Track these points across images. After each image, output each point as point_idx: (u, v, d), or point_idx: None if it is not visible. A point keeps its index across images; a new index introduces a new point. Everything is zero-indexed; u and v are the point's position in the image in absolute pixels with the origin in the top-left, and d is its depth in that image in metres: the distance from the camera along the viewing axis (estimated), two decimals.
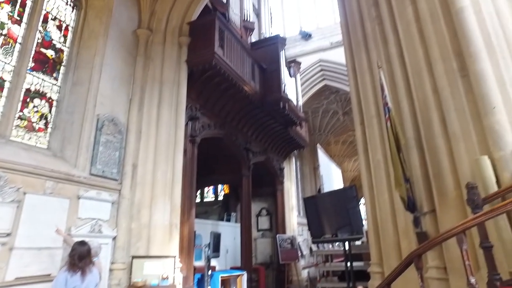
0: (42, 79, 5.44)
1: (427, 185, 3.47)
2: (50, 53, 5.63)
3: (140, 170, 6.01)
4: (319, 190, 12.34)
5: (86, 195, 5.20)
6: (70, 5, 6.16)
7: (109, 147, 5.69)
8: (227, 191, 14.25)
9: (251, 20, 11.46)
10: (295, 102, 10.76)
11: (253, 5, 12.50)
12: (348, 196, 5.80)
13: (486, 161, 2.74)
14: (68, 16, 6.08)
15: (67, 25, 6.03)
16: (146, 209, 5.81)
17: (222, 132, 8.79)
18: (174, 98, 6.81)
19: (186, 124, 7.28)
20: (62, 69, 5.78)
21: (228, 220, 12.23)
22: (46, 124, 5.38)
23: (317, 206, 6.64)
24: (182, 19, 7.54)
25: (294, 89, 11.02)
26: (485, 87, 2.99)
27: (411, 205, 3.39)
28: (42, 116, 5.37)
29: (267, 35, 12.64)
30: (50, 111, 5.48)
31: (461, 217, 2.83)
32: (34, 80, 5.32)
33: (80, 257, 3.57)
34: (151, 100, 6.56)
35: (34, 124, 5.22)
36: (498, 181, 2.68)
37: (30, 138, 5.10)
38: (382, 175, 4.14)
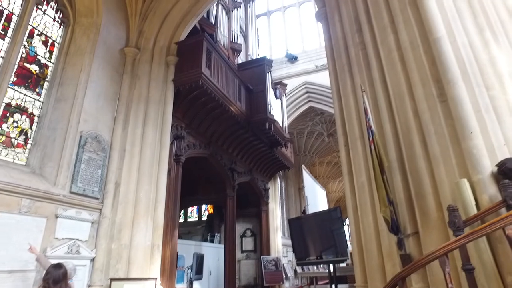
0: (24, 94, 5.33)
1: (410, 207, 3.51)
2: (34, 68, 5.56)
3: (123, 189, 5.87)
4: (304, 211, 12.33)
5: (65, 214, 5.02)
6: (57, 21, 6.15)
7: (91, 164, 5.56)
8: (211, 211, 14.04)
9: (238, 42, 11.72)
10: (280, 123, 10.89)
11: (241, 27, 12.81)
12: (333, 217, 5.81)
13: (465, 184, 2.81)
14: (55, 32, 6.06)
15: (54, 41, 5.99)
16: (127, 229, 5.64)
17: (207, 151, 8.75)
18: (159, 117, 6.77)
19: (171, 143, 7.22)
20: (46, 84, 5.70)
21: (212, 241, 11.98)
22: (25, 140, 5.23)
23: (301, 228, 6.61)
24: (170, 39, 7.62)
25: (279, 111, 11.18)
26: (462, 112, 3.12)
27: (394, 227, 3.42)
28: (22, 132, 5.23)
29: (254, 57, 12.91)
30: (31, 127, 5.35)
31: (443, 239, 2.87)
32: (16, 95, 5.21)
33: (54, 282, 3.38)
34: (137, 118, 6.50)
35: (13, 140, 5.06)
36: (477, 204, 2.75)
37: (7, 154, 4.93)
38: (366, 197, 4.18)
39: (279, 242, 12.49)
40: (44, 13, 5.90)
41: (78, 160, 5.32)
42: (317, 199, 10.77)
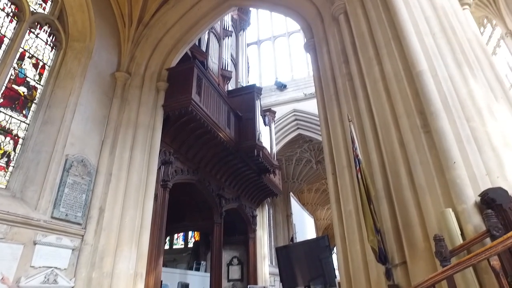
0: (10, 116, 5.26)
1: (397, 236, 3.52)
2: (22, 90, 5.52)
3: (107, 215, 5.71)
4: (292, 239, 12.15)
5: (44, 240, 4.82)
6: (49, 45, 6.19)
7: (76, 189, 5.42)
8: (197, 238, 13.70)
9: (229, 69, 11.94)
10: (269, 150, 10.94)
11: (231, 55, 13.10)
12: (321, 246, 5.74)
13: (450, 214, 2.85)
14: (47, 55, 6.09)
15: (44, 64, 6.01)
16: (110, 256, 5.42)
17: (195, 177, 8.66)
18: (148, 142, 6.73)
19: (159, 169, 7.14)
20: (33, 106, 5.64)
21: (198, 269, 11.61)
22: (7, 163, 5.10)
23: (289, 256, 6.49)
24: (161, 65, 7.73)
25: (268, 137, 11.26)
26: (445, 143, 3.21)
27: (382, 257, 3.40)
28: (5, 154, 5.10)
29: (244, 84, 13.13)
30: (14, 149, 5.23)
31: (431, 269, 2.86)
32: (1, 116, 5.13)
33: None
34: (124, 143, 6.45)
35: None
36: (462, 233, 2.77)
37: None
38: (354, 225, 4.17)
39: (267, 271, 12.18)
40: (37, 37, 5.95)
41: (62, 184, 5.19)
42: (305, 226, 10.67)
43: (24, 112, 5.48)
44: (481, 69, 4.31)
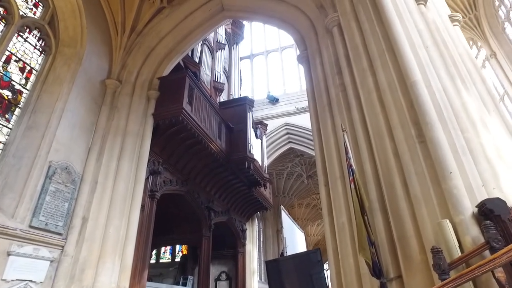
0: None
1: (392, 249, 3.41)
2: (6, 93, 5.33)
3: (91, 224, 5.45)
4: (282, 254, 11.89)
5: (20, 251, 4.53)
6: (38, 49, 6.05)
7: (58, 197, 5.19)
8: (185, 252, 13.30)
9: (221, 81, 11.91)
10: (260, 163, 10.82)
11: (224, 68, 13.11)
12: (312, 260, 5.57)
13: (447, 225, 2.76)
14: (35, 59, 5.94)
15: (32, 68, 5.85)
16: (91, 269, 5.15)
17: (184, 189, 8.46)
18: (136, 150, 6.56)
19: (147, 178, 6.95)
20: (17, 111, 5.45)
21: (184, 284, 11.19)
22: None
23: (279, 271, 6.29)
24: (153, 73, 7.64)
25: (259, 150, 11.17)
26: (441, 153, 3.15)
27: (377, 270, 3.27)
28: None
29: (236, 97, 13.10)
30: None
31: (428, 283, 2.75)
32: None
33: None
34: (112, 151, 6.26)
35: None
36: (460, 245, 2.68)
37: None
38: (347, 238, 4.04)
39: (256, 287, 11.85)
40: (25, 40, 5.82)
41: (44, 191, 4.95)
42: (295, 241, 10.48)
43: (7, 116, 5.28)
44: (473, 82, 4.35)
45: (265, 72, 18.05)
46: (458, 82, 3.97)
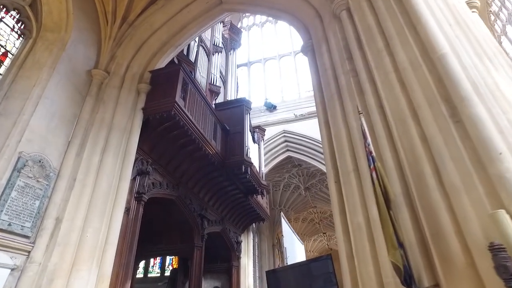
0: None
1: (424, 251, 2.79)
2: None
3: (65, 226, 4.75)
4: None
5: None
6: (16, 31, 5.49)
7: (27, 193, 4.50)
8: (176, 265, 12.45)
9: (217, 84, 11.41)
10: (258, 169, 10.20)
11: (221, 72, 12.64)
12: (322, 271, 4.81)
13: (504, 216, 2.16)
14: (11, 42, 5.37)
15: (7, 51, 5.27)
16: (62, 278, 4.40)
17: (175, 193, 7.78)
18: (122, 146, 5.92)
19: (134, 179, 6.29)
20: None
21: None
22: None
23: (279, 283, 5.58)
24: (144, 66, 7.10)
25: (257, 156, 10.56)
26: (484, 132, 2.60)
27: (407, 278, 2.63)
28: None
29: None
30: None
31: None
32: None
33: None
34: (95, 145, 5.62)
35: None
36: None
37: None
38: (364, 241, 3.41)
39: None
40: (1, 20, 5.25)
41: (9, 186, 4.27)
42: (295, 252, 9.73)
43: None
44: (500, 65, 3.86)
45: (263, 79, 17.64)
46: (486, 61, 3.46)
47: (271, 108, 15.25)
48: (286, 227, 9.20)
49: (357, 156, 3.89)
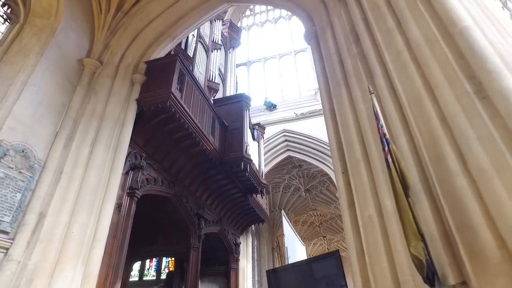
0: None
1: (447, 244, 2.45)
2: None
3: (49, 222, 4.38)
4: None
5: None
6: (2, 16, 5.18)
7: (8, 185, 4.15)
8: (172, 268, 12.06)
9: (216, 81, 11.09)
10: (257, 167, 9.86)
11: (220, 70, 12.33)
12: (329, 272, 4.38)
13: None
14: None
15: None
16: (43, 278, 4.02)
17: (170, 191, 7.42)
18: (114, 138, 5.58)
19: (127, 173, 5.95)
20: None
21: None
22: None
23: (279, 284, 5.20)
24: (140, 57, 6.78)
25: (257, 154, 10.22)
26: None
27: (430, 274, 2.29)
28: None
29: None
30: None
31: None
32: None
33: None
34: (85, 136, 5.28)
35: None
36: None
37: None
38: (377, 235, 3.06)
39: None
40: None
41: None
42: (296, 253, 9.35)
43: None
44: None
45: (263, 79, 17.35)
46: (509, 39, 3.16)
47: (271, 107, 14.95)
48: (287, 227, 8.83)
49: (366, 143, 3.56)
